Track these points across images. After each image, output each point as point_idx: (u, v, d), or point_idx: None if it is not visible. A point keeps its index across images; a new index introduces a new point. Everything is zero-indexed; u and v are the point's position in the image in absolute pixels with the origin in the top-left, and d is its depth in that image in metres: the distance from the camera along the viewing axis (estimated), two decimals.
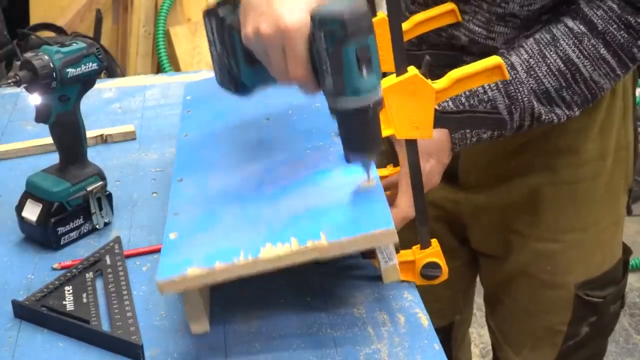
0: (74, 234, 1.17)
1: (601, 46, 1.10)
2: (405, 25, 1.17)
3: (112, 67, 3.12)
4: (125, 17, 3.31)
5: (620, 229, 1.39)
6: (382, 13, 1.18)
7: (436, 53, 1.22)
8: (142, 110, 1.57)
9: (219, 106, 1.29)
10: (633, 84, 1.33)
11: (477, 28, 1.19)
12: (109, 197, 1.21)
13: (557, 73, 1.11)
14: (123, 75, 3.12)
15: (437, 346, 0.96)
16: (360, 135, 0.92)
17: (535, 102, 1.11)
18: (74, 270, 1.09)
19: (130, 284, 1.07)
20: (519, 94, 1.10)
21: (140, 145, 1.44)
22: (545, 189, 1.30)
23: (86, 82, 1.15)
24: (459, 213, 1.37)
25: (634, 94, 1.33)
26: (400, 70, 0.97)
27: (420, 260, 1.03)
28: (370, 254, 1.05)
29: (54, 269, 1.11)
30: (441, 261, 1.03)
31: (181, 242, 0.98)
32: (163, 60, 3.16)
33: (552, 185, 1.29)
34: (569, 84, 1.12)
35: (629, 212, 1.43)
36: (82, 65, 1.13)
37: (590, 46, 1.11)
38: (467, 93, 1.11)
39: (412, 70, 0.97)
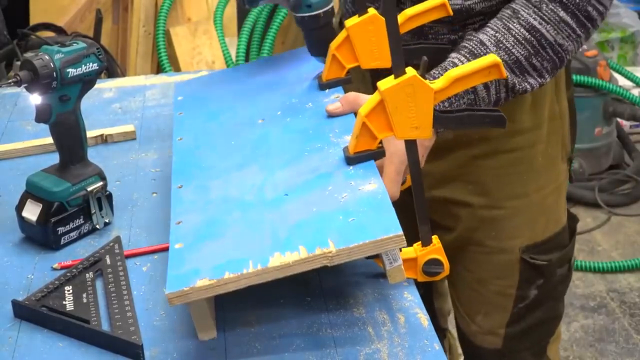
0: (74, 234, 1.17)
1: (559, 9, 1.18)
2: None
3: (112, 67, 3.11)
4: (125, 17, 3.31)
5: (562, 196, 1.44)
6: (372, 9, 1.18)
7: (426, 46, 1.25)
8: (142, 110, 1.57)
9: (211, 107, 1.29)
10: None
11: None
12: (109, 197, 1.21)
13: (523, 42, 1.18)
14: (123, 75, 3.11)
15: (437, 346, 0.96)
16: (316, 39, 1.25)
17: (508, 73, 1.18)
18: (74, 270, 1.09)
19: (130, 284, 1.07)
20: None
21: (140, 145, 1.44)
22: (485, 159, 1.35)
23: (87, 82, 1.16)
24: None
25: (567, 68, 1.40)
26: (398, 71, 0.97)
27: (422, 257, 1.03)
28: (373, 255, 1.05)
29: (54, 269, 1.11)
30: (442, 258, 1.03)
31: (187, 252, 0.97)
32: (163, 60, 3.16)
33: (491, 155, 1.35)
34: (536, 50, 1.19)
35: (571, 180, 1.49)
36: (83, 65, 1.13)
37: (549, 11, 1.18)
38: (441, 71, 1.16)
39: (410, 71, 0.97)
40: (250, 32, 3.22)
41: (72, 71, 1.12)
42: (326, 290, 1.06)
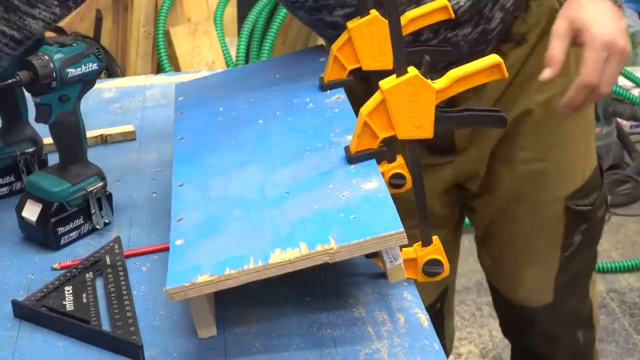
0: (74, 234, 1.17)
1: None
2: None
3: (112, 67, 3.12)
4: (125, 17, 3.31)
5: (593, 136, 1.46)
6: (374, 11, 1.18)
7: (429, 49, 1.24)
8: (142, 110, 1.57)
9: (212, 107, 1.29)
10: None
11: None
12: (109, 197, 1.21)
13: None
14: (123, 75, 3.11)
15: (437, 346, 0.96)
16: None
17: None
18: (74, 270, 1.09)
19: (130, 284, 1.07)
20: None
21: (140, 145, 1.44)
22: (524, 115, 1.37)
23: (87, 82, 1.16)
24: (459, 176, 1.44)
25: None
26: (400, 71, 0.97)
27: (422, 257, 1.03)
28: (373, 254, 1.05)
29: (54, 269, 1.11)
30: (443, 258, 1.03)
31: (188, 248, 0.98)
32: (163, 60, 3.16)
33: (529, 110, 1.37)
34: None
35: (598, 119, 1.54)
36: (82, 65, 1.13)
37: None
38: None
39: (412, 70, 0.97)
40: (250, 32, 3.22)
41: (71, 71, 1.12)
42: (326, 290, 1.06)
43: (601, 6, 1.20)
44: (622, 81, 3.47)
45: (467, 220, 1.65)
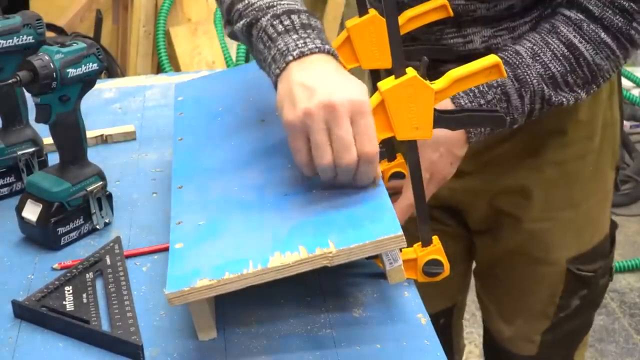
0: (74, 234, 1.17)
1: (600, 30, 1.14)
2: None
3: (112, 67, 3.12)
4: (125, 17, 3.31)
5: (608, 204, 1.42)
6: (373, 10, 1.18)
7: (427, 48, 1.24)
8: (142, 110, 1.57)
9: (211, 107, 1.29)
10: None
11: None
12: (109, 197, 1.21)
13: (561, 58, 1.15)
14: (123, 75, 3.12)
15: (437, 346, 0.96)
16: None
17: (544, 85, 1.14)
18: (74, 270, 1.09)
19: (130, 284, 1.07)
20: (527, 77, 1.14)
21: (140, 145, 1.44)
22: (536, 171, 1.33)
23: (87, 82, 1.15)
24: (455, 200, 1.40)
25: (619, 73, 1.37)
26: (399, 72, 0.97)
27: (422, 257, 1.03)
28: (373, 255, 1.05)
29: (54, 269, 1.11)
30: (443, 258, 1.03)
31: (187, 252, 0.97)
32: (163, 60, 3.16)
33: (542, 167, 1.32)
34: (573, 68, 1.15)
35: (617, 189, 1.50)
36: (83, 66, 1.13)
37: (590, 31, 1.14)
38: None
39: (410, 71, 0.97)
40: None
41: (72, 71, 1.12)
42: (326, 290, 1.06)
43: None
44: (623, 81, 3.47)
45: None
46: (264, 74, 1.35)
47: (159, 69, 3.25)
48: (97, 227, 1.19)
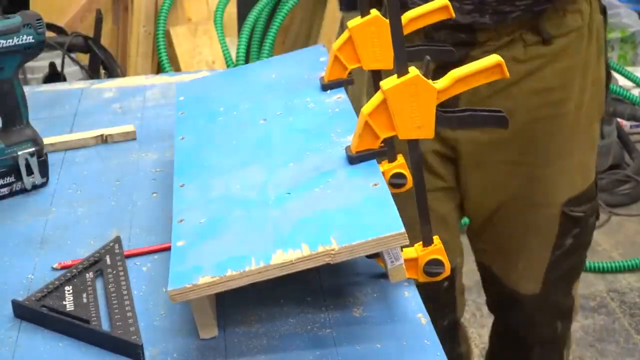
0: (4, 190, 1.28)
1: None
2: None
3: (112, 67, 3.12)
4: (125, 17, 3.31)
5: (595, 152, 1.60)
6: (375, 11, 1.18)
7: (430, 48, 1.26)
8: (142, 110, 1.57)
9: (212, 107, 1.29)
10: (604, 28, 1.55)
11: None
12: (43, 162, 1.30)
13: None
14: (123, 75, 3.11)
15: (437, 346, 0.96)
16: None
17: None
18: (74, 270, 1.09)
19: (130, 284, 1.07)
20: None
21: (140, 145, 1.44)
22: (539, 121, 1.49)
23: (26, 54, 1.24)
24: (457, 151, 1.53)
25: (605, 37, 1.55)
26: (401, 71, 0.97)
27: (423, 257, 1.03)
28: (374, 254, 1.05)
29: (54, 269, 1.11)
30: (444, 258, 1.03)
31: (189, 249, 0.98)
32: (163, 60, 3.16)
33: (545, 118, 1.49)
34: None
35: (602, 137, 1.68)
36: (16, 37, 1.22)
37: None
38: None
39: (413, 71, 0.97)
40: (250, 32, 3.22)
41: (2, 42, 1.20)
42: (326, 289, 1.06)
43: None
44: (622, 81, 3.47)
45: (464, 219, 1.72)
46: (263, 74, 1.36)
47: (159, 69, 3.25)
48: (26, 188, 1.29)
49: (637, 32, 3.79)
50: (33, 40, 1.25)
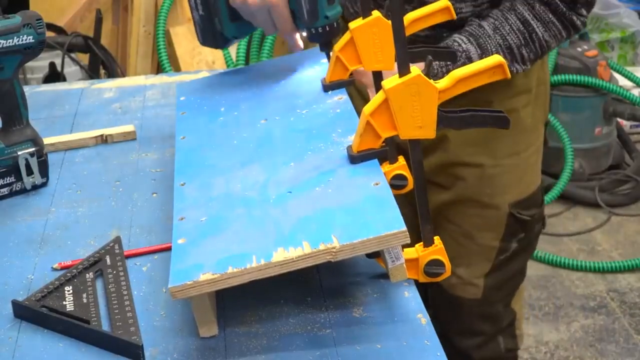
0: (4, 190, 1.28)
1: (548, 12, 1.36)
2: None
3: (112, 67, 3.12)
4: (125, 17, 3.31)
5: (540, 156, 1.61)
6: (377, 12, 1.18)
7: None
8: (142, 110, 1.57)
9: (214, 107, 1.29)
10: None
11: None
12: (43, 162, 1.29)
13: (517, 32, 1.36)
14: (123, 75, 3.12)
15: (437, 346, 0.96)
16: (329, 41, 1.28)
17: (501, 54, 1.35)
18: (74, 270, 1.09)
19: (130, 284, 1.07)
20: (488, 46, 1.35)
21: (140, 145, 1.44)
22: None
23: (26, 54, 1.23)
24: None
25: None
26: (403, 70, 0.97)
27: (424, 258, 1.03)
28: (374, 254, 1.05)
29: (54, 269, 1.11)
30: (444, 258, 1.03)
31: (190, 247, 0.98)
32: (163, 60, 3.16)
33: None
34: (526, 41, 1.37)
35: (546, 143, 1.69)
36: (16, 37, 1.21)
37: (540, 11, 1.36)
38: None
39: (415, 70, 0.97)
40: None
41: (2, 42, 1.20)
42: (326, 289, 1.06)
43: None
44: (622, 81, 3.47)
45: None
46: (265, 75, 1.36)
47: (159, 69, 3.25)
48: (26, 188, 1.29)
49: (637, 32, 3.79)
50: (33, 40, 1.25)
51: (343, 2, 1.50)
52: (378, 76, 1.19)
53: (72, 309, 1.02)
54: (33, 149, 1.30)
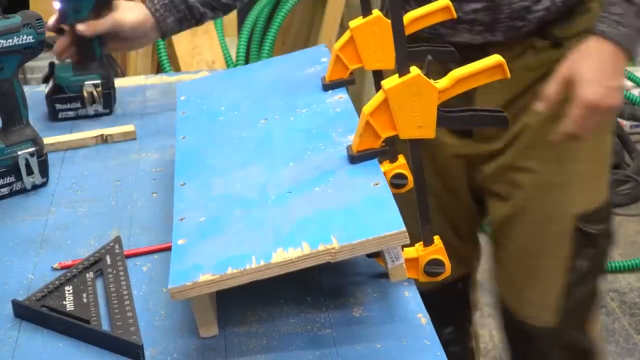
0: (4, 190, 1.28)
1: None
2: None
3: (112, 67, 3.11)
4: None
5: (607, 167, 1.51)
6: (377, 11, 1.18)
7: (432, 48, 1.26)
8: (142, 110, 1.57)
9: (214, 106, 1.29)
10: None
11: None
12: (43, 162, 1.29)
13: None
14: (123, 75, 3.11)
15: (437, 346, 0.96)
16: None
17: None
18: (74, 270, 1.09)
19: (130, 284, 1.07)
20: None
21: (140, 145, 1.44)
22: (548, 126, 1.39)
23: (26, 54, 1.23)
24: (473, 162, 1.49)
25: None
26: (403, 70, 0.97)
27: (424, 257, 1.03)
28: (374, 254, 1.05)
29: (54, 269, 1.11)
30: (444, 258, 1.03)
31: (190, 248, 0.98)
32: (163, 60, 3.16)
33: (554, 122, 1.38)
34: None
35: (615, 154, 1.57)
36: (16, 37, 1.21)
37: None
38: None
39: (414, 70, 0.97)
40: (250, 32, 3.22)
41: (2, 42, 1.20)
42: (326, 289, 1.06)
43: (602, 59, 1.28)
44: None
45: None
46: (265, 74, 1.36)
47: (159, 69, 3.25)
48: (26, 188, 1.29)
49: None
50: (33, 40, 1.25)
51: None
52: (378, 75, 1.19)
53: (72, 308, 1.02)
54: (33, 148, 1.30)
